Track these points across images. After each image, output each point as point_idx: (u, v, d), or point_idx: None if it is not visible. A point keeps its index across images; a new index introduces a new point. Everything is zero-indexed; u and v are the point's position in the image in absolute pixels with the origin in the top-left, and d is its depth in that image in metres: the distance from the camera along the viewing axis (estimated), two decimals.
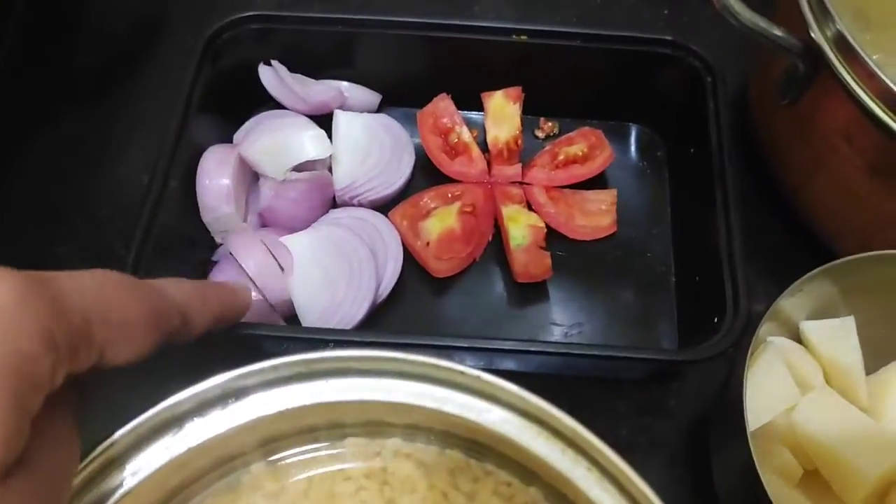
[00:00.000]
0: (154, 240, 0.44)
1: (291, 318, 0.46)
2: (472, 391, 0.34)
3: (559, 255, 0.50)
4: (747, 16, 0.44)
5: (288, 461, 0.37)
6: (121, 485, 0.31)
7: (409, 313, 0.49)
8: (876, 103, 0.41)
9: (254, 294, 0.45)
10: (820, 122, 0.46)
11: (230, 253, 0.46)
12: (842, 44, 0.42)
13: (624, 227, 0.52)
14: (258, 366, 0.34)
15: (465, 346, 0.42)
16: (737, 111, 0.57)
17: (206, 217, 0.48)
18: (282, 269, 0.45)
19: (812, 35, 0.43)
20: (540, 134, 0.56)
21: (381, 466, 0.38)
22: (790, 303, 0.41)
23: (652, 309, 0.49)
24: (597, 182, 0.53)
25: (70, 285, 0.25)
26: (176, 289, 0.32)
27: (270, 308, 0.45)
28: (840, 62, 0.42)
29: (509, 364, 0.46)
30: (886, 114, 0.41)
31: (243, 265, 0.44)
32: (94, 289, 0.26)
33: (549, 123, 0.56)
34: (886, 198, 0.44)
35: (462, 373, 0.34)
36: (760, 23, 0.45)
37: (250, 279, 0.45)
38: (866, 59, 0.41)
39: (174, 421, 0.33)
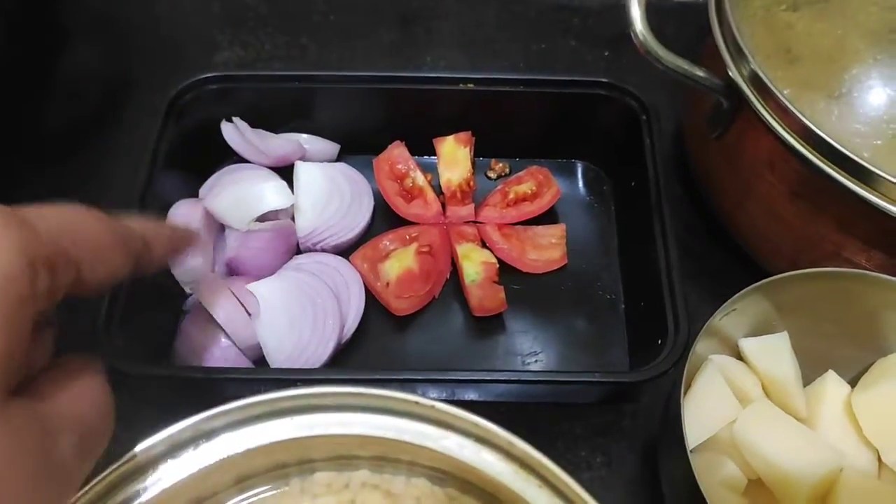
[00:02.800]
0: (125, 294, 0.46)
1: (260, 361, 0.48)
2: (429, 420, 0.37)
3: (514, 289, 0.53)
4: (669, 59, 0.48)
5: (261, 497, 0.39)
6: None
7: (374, 351, 0.51)
8: (791, 136, 0.45)
9: (223, 341, 0.47)
10: (745, 153, 0.50)
11: (200, 303, 0.49)
12: (757, 81, 0.46)
13: (575, 259, 0.55)
14: (226, 406, 0.36)
15: (427, 378, 0.45)
16: (677, 145, 0.61)
17: (176, 270, 0.50)
18: (249, 315, 0.47)
19: (730, 74, 0.47)
20: (492, 174, 0.59)
21: (350, 499, 0.39)
22: (727, 321, 0.44)
23: (604, 335, 0.52)
24: (547, 218, 0.56)
25: (39, 213, 0.27)
26: (134, 220, 0.35)
27: (240, 353, 0.47)
28: (757, 98, 0.46)
29: (471, 394, 0.49)
30: (802, 145, 0.45)
31: (213, 314, 0.46)
32: (63, 216, 0.28)
33: (501, 164, 0.59)
34: (809, 220, 0.47)
35: (418, 403, 0.36)
36: (683, 64, 0.48)
37: (220, 327, 0.47)
38: (779, 95, 0.45)
39: (148, 464, 0.35)
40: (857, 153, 0.43)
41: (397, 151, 0.56)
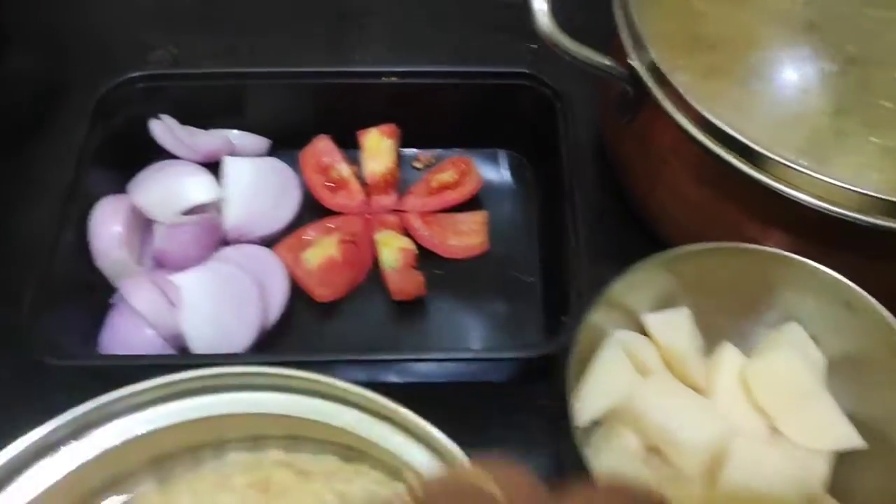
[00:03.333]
0: (51, 286, 0.48)
1: (186, 351, 0.50)
2: (329, 397, 0.38)
3: (436, 274, 0.55)
4: (574, 49, 0.50)
5: (176, 478, 0.40)
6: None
7: (299, 338, 0.52)
8: (690, 122, 0.47)
9: (148, 332, 0.49)
10: (652, 139, 0.52)
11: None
12: (655, 70, 0.48)
13: (497, 245, 0.57)
14: (132, 388, 0.37)
15: (340, 359, 0.46)
16: (596, 133, 0.63)
17: (101, 263, 0.51)
18: (172, 304, 0.49)
19: (631, 62, 0.49)
20: (418, 165, 0.61)
21: (264, 476, 0.41)
22: (630, 296, 0.46)
23: (521, 317, 0.54)
24: (472, 206, 0.58)
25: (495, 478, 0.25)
26: None
27: (165, 344, 0.49)
28: (656, 86, 0.48)
29: (392, 377, 0.50)
30: (699, 131, 0.46)
31: (134, 305, 0.48)
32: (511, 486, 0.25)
33: (427, 156, 0.61)
34: (711, 203, 0.50)
35: (317, 381, 0.38)
36: (588, 54, 0.50)
37: (145, 319, 0.48)
38: (675, 83, 0.47)
39: (56, 443, 0.36)
40: (760, 140, 0.44)
41: (322, 144, 0.58)
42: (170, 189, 0.53)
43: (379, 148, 0.57)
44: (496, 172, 0.61)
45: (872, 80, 0.48)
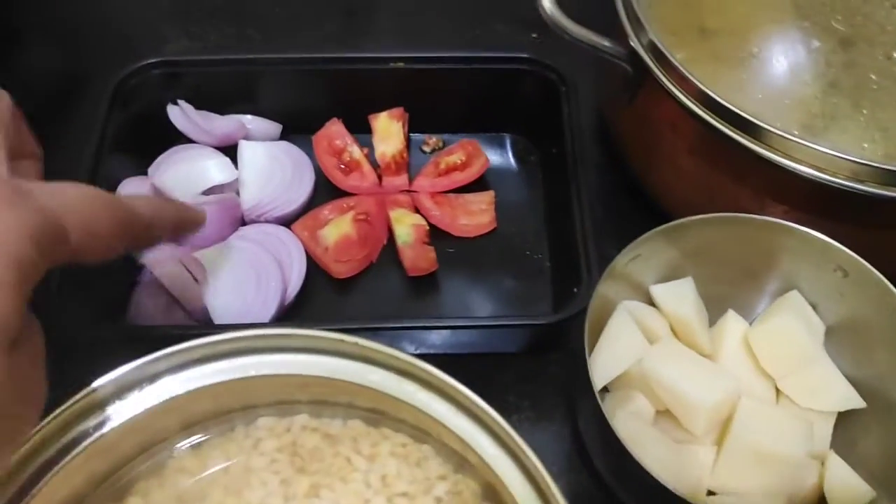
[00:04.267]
0: (77, 266, 0.49)
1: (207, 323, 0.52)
2: (355, 357, 0.40)
3: (448, 252, 0.57)
4: (575, 30, 0.52)
5: (208, 443, 0.42)
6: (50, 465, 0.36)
7: (317, 312, 0.54)
8: (687, 97, 0.49)
9: (174, 307, 0.51)
10: (651, 117, 0.54)
11: (152, 273, 0.52)
12: (655, 49, 0.50)
13: (505, 224, 0.59)
14: (168, 350, 0.39)
15: (364, 327, 0.48)
16: (599, 115, 0.65)
17: None
18: (196, 280, 0.51)
19: (631, 43, 0.51)
20: (427, 148, 0.63)
21: (292, 440, 0.42)
22: (637, 268, 0.48)
23: (531, 291, 0.56)
24: (478, 186, 0.60)
25: (45, 190, 0.30)
26: (142, 203, 0.37)
27: (188, 316, 0.51)
28: (656, 66, 0.50)
29: (408, 347, 0.52)
30: (698, 107, 0.49)
31: (161, 279, 0.49)
32: (66, 195, 0.31)
33: (435, 139, 0.63)
34: (708, 174, 0.52)
35: (342, 341, 0.40)
36: (589, 35, 0.53)
37: (168, 292, 0.50)
38: (672, 59, 0.49)
39: (95, 405, 0.38)
40: (754, 110, 0.46)
41: (334, 128, 0.60)
42: (189, 171, 0.55)
43: (389, 130, 0.59)
44: (502, 155, 0.63)
45: (861, 57, 0.51)
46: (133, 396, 0.39)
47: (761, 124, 0.46)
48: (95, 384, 0.37)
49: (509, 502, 0.36)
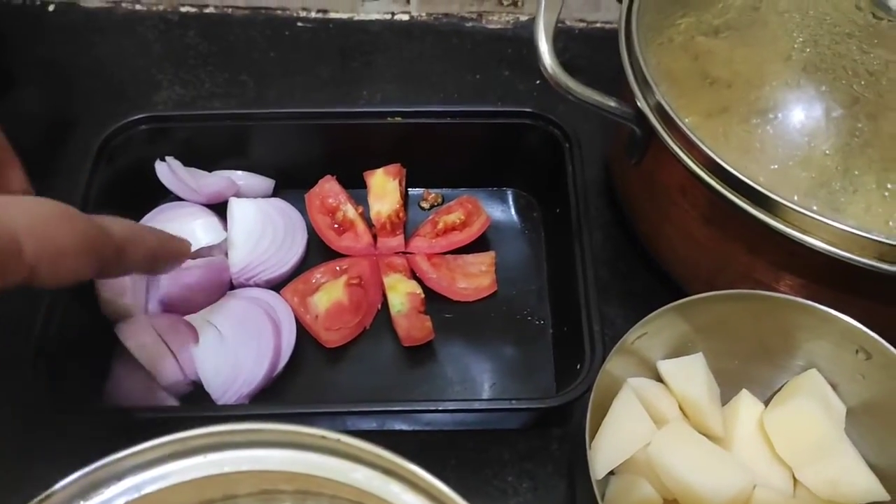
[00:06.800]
0: (56, 334, 0.47)
1: (185, 397, 0.49)
2: (338, 454, 0.37)
3: (445, 317, 0.54)
4: (579, 90, 0.49)
5: None
6: None
7: (306, 384, 0.52)
8: (696, 164, 0.46)
9: (147, 380, 0.48)
10: (660, 179, 0.51)
11: None
12: (662, 111, 0.47)
13: (505, 286, 0.56)
14: (138, 447, 0.36)
15: (357, 410, 0.46)
16: (605, 168, 0.62)
17: (106, 310, 0.51)
18: (172, 352, 0.48)
19: (638, 103, 0.49)
20: (425, 205, 0.60)
21: None
22: (644, 343, 0.45)
23: (533, 361, 0.53)
24: (479, 246, 0.57)
25: (3, 207, 0.27)
26: (115, 224, 0.34)
27: (162, 390, 0.48)
28: (662, 127, 0.47)
29: (401, 425, 0.49)
30: (706, 173, 0.46)
31: (130, 349, 0.47)
32: (27, 211, 0.28)
33: (433, 195, 0.60)
34: (720, 244, 0.49)
35: (324, 437, 0.37)
36: (594, 95, 0.50)
37: (140, 363, 0.48)
38: (681, 124, 0.46)
39: None
40: (767, 181, 0.44)
41: (328, 185, 0.57)
42: (175, 232, 0.52)
43: (385, 188, 0.57)
44: (504, 212, 0.60)
45: (887, 126, 0.48)
46: (104, 493, 0.36)
47: (775, 197, 0.43)
48: (59, 485, 0.35)
49: None
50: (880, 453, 0.44)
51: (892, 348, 0.42)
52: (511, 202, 0.61)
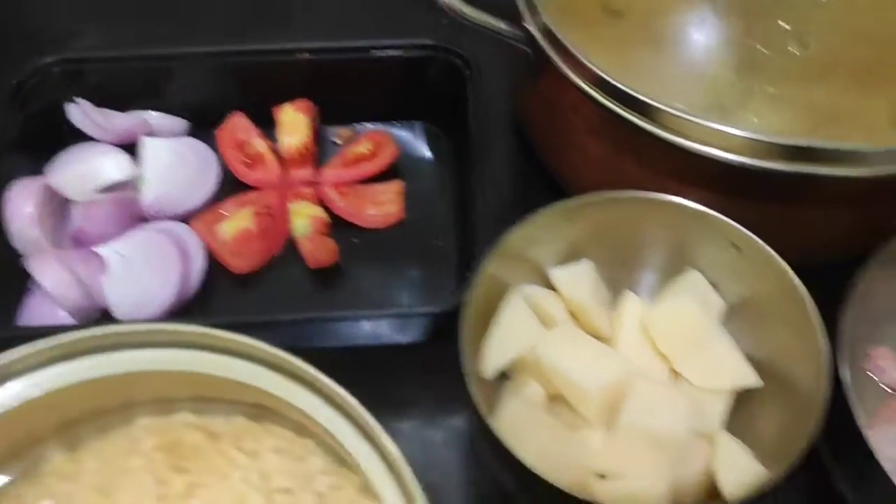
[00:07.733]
0: None
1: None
2: (239, 355, 0.39)
3: (354, 243, 0.56)
4: (471, 13, 0.51)
5: (84, 446, 0.40)
6: None
7: (217, 308, 0.53)
8: (585, 82, 0.48)
9: (59, 311, 0.50)
10: (554, 100, 0.53)
11: None
12: (550, 34, 0.49)
13: (414, 214, 0.58)
14: (28, 347, 0.37)
15: (259, 321, 0.48)
16: (512, 101, 0.64)
17: (17, 244, 0.52)
18: (81, 282, 0.50)
19: (526, 25, 0.50)
20: (339, 140, 0.62)
21: (173, 439, 0.41)
22: (535, 251, 0.47)
23: (436, 281, 0.55)
24: (390, 177, 0.59)
25: None
26: None
27: (72, 319, 0.50)
28: (552, 49, 0.49)
29: (306, 342, 0.51)
30: (595, 90, 0.48)
31: (40, 282, 0.48)
32: None
33: (346, 131, 0.62)
34: (610, 157, 0.51)
35: (225, 338, 0.38)
36: (487, 18, 0.52)
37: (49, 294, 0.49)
38: (568, 46, 0.48)
39: None
40: (656, 96, 0.46)
41: (237, 120, 0.59)
42: (85, 168, 0.54)
43: (294, 122, 0.58)
44: (414, 144, 0.62)
45: (761, 33, 0.50)
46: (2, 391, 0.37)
47: (655, 104, 0.46)
48: None
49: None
50: (757, 346, 0.46)
51: (758, 240, 0.44)
52: (420, 135, 0.62)
